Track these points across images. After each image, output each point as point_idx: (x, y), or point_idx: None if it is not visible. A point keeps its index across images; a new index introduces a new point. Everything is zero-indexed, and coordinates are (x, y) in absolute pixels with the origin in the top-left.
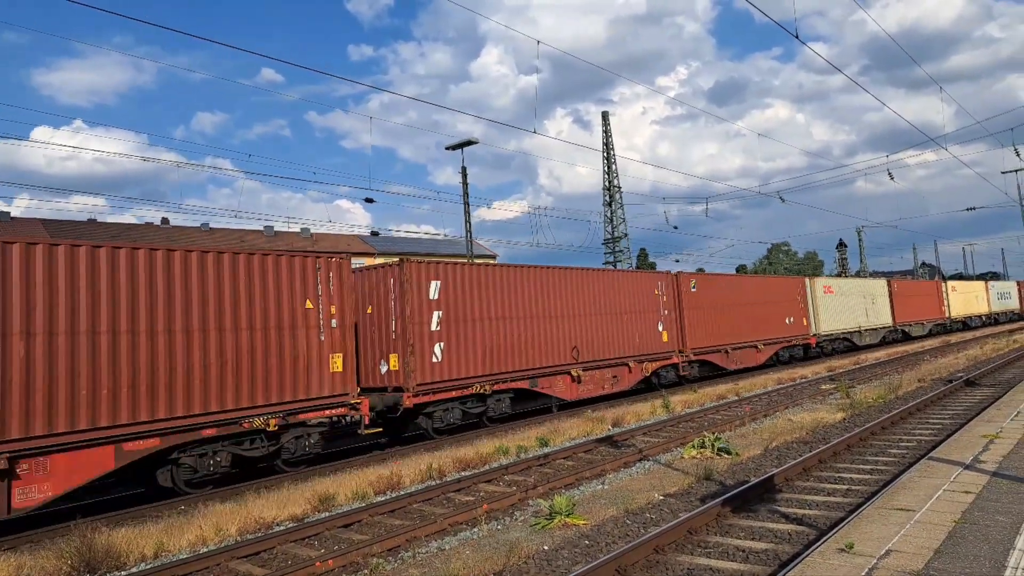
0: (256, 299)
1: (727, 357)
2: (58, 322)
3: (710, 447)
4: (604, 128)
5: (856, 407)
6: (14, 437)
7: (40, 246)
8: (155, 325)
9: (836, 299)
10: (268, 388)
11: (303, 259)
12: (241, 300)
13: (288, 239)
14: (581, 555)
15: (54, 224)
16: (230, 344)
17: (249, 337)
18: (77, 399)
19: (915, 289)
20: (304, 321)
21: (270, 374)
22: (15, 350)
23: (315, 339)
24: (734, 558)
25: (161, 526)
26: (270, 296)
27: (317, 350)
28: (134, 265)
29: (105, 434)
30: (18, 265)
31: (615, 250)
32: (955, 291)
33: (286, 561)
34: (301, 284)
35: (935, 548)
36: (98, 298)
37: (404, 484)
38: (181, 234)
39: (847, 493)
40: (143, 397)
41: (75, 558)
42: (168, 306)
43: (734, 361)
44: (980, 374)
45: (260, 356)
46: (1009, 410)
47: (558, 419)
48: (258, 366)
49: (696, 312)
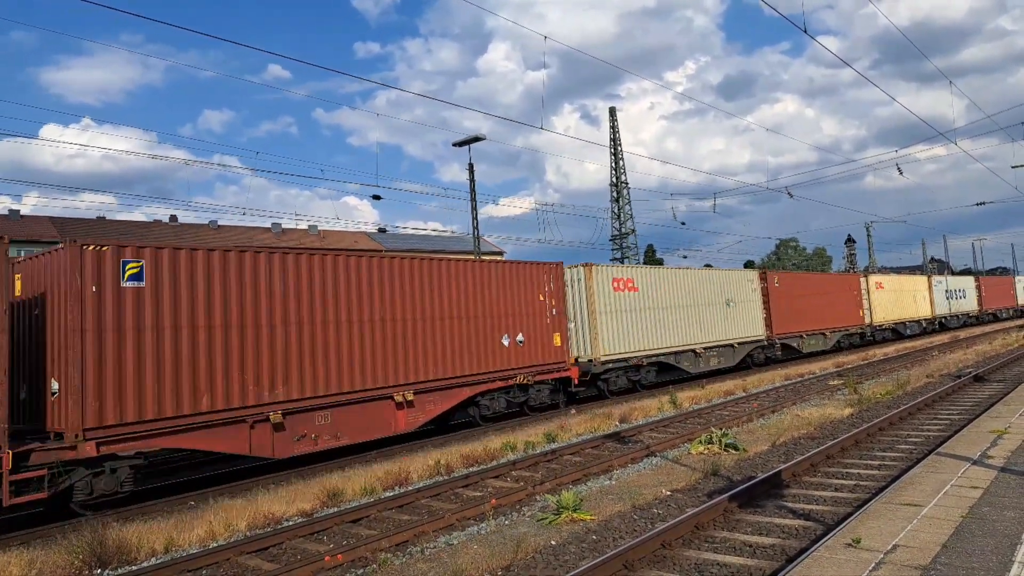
0: (517, 293)
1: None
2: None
3: (717, 443)
4: (611, 124)
5: (864, 403)
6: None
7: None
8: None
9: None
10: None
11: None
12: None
13: (296, 236)
14: (588, 550)
15: (63, 222)
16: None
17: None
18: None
19: (807, 286)
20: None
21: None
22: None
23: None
24: (741, 553)
25: (171, 521)
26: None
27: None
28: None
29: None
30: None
31: (623, 246)
32: (881, 288)
33: (295, 556)
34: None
35: (942, 543)
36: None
37: (412, 480)
38: (189, 231)
39: (854, 489)
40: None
41: (86, 553)
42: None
43: (808, 345)
44: (989, 370)
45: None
46: (1017, 406)
47: (566, 416)
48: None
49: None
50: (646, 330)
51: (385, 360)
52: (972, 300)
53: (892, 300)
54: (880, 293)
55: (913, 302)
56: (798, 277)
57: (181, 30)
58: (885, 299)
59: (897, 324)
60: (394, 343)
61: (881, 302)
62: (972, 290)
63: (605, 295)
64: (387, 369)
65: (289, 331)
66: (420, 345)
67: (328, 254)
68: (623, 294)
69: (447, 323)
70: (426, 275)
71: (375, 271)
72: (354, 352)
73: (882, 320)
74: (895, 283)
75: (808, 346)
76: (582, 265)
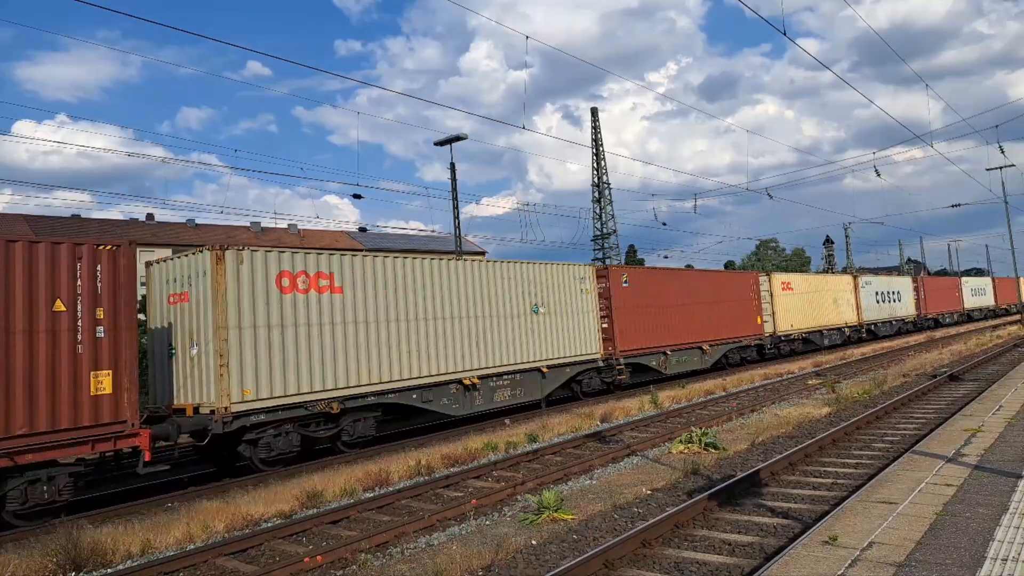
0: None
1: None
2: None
3: (697, 442)
4: (593, 124)
5: (842, 402)
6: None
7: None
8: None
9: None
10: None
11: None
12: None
13: (276, 235)
14: (569, 550)
15: (38, 220)
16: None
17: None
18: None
19: (676, 287)
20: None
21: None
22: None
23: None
24: (720, 551)
25: (147, 523)
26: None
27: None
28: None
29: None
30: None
31: (604, 246)
32: (789, 290)
33: (274, 558)
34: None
35: (917, 540)
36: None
37: (392, 480)
38: (167, 230)
39: (832, 487)
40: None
41: (60, 556)
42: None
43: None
44: (963, 369)
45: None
46: (991, 404)
47: (547, 415)
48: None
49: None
50: (357, 355)
51: None
52: (909, 304)
53: (804, 304)
54: (788, 296)
55: (834, 306)
56: (660, 275)
57: (159, 26)
58: (795, 303)
59: (811, 333)
60: None
61: (789, 307)
62: (909, 292)
63: (260, 299)
64: None
65: None
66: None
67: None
68: (307, 297)
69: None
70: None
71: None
72: None
73: (789, 328)
74: (809, 283)
75: (674, 366)
76: (209, 249)
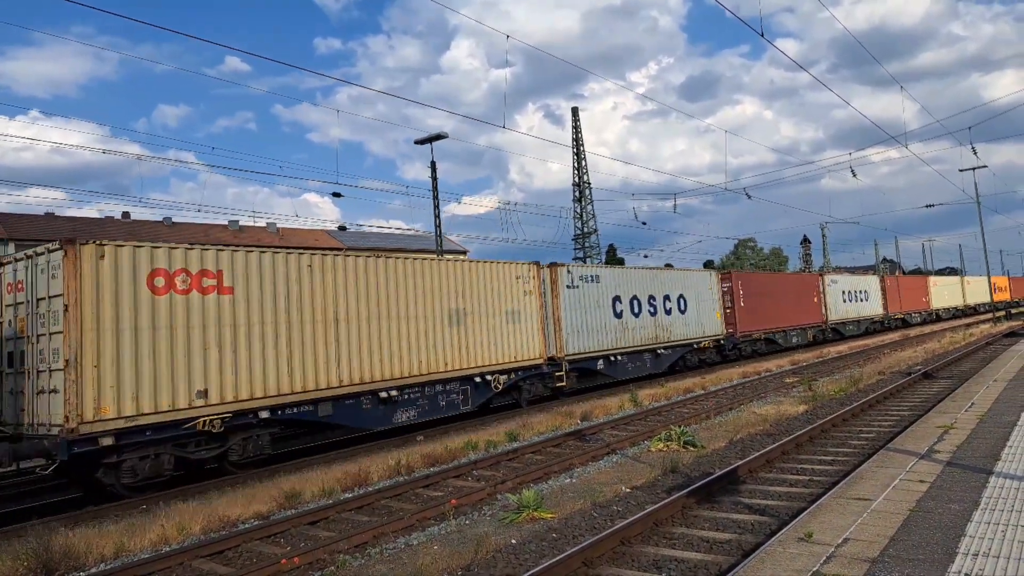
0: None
1: (787, 336)
2: None
3: (676, 440)
4: (574, 124)
5: (818, 399)
6: None
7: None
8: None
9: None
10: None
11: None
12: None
13: (254, 234)
14: (548, 548)
15: (9, 218)
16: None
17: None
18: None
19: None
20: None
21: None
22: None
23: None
24: (698, 549)
25: (121, 526)
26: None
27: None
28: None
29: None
30: None
31: (585, 246)
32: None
33: (251, 559)
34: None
35: (890, 536)
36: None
37: (372, 480)
38: (143, 228)
39: (808, 484)
40: None
41: (32, 560)
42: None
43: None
44: (938, 367)
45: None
46: (963, 401)
47: (528, 414)
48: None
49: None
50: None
51: None
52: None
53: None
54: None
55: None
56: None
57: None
58: (758, 303)
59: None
60: None
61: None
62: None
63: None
64: None
65: None
66: None
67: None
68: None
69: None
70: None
71: None
72: None
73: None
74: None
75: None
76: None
